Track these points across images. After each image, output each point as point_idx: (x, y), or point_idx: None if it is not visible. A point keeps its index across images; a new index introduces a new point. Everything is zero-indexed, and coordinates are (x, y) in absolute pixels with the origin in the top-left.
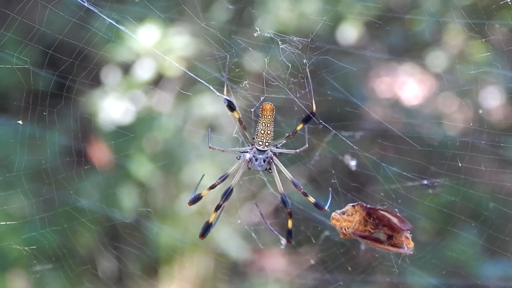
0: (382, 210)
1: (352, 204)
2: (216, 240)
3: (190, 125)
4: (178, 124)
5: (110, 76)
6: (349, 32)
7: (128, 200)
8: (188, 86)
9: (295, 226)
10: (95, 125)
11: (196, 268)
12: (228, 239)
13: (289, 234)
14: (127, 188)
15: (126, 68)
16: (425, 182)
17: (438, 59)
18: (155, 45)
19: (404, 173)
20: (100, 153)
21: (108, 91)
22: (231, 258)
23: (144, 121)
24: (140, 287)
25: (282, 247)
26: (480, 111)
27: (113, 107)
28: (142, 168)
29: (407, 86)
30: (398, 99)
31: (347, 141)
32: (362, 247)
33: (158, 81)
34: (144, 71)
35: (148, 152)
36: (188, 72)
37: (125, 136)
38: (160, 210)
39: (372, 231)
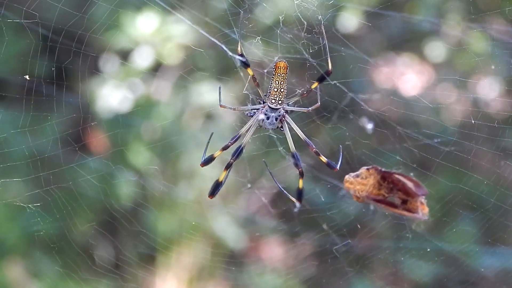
0: (397, 174)
1: (366, 167)
2: (213, 228)
3: (188, 114)
4: (176, 112)
5: (109, 64)
6: None
7: (125, 187)
8: (187, 74)
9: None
10: (93, 112)
11: (193, 256)
12: (225, 227)
13: (299, 194)
14: (124, 175)
15: (125, 56)
16: (439, 140)
17: None
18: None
19: (420, 137)
20: (98, 140)
21: (107, 79)
22: (228, 246)
23: (142, 109)
24: (137, 275)
25: (296, 210)
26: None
27: (111, 95)
28: (140, 155)
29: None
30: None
31: (362, 103)
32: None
33: (156, 69)
34: (142, 59)
35: (146, 140)
36: (201, 31)
37: (123, 123)
38: (158, 197)
39: (386, 195)
